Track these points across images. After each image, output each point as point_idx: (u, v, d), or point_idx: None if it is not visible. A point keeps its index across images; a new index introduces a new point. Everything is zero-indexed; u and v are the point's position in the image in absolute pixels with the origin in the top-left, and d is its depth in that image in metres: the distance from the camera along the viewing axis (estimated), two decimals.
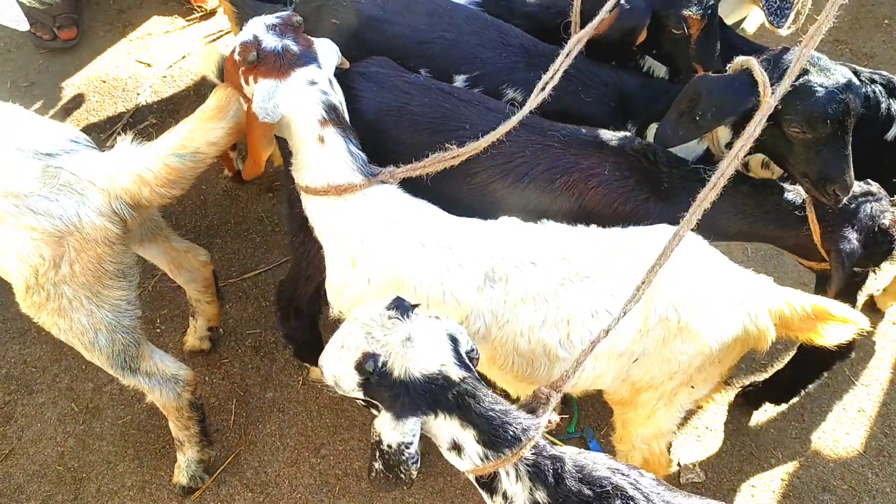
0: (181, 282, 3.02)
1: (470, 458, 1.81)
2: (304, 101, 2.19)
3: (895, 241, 2.32)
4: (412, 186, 2.30)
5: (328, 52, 2.29)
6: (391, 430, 1.77)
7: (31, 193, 2.18)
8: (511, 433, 1.79)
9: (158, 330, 3.31)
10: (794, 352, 2.97)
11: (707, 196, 1.96)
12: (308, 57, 2.22)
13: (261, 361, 3.25)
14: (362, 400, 1.85)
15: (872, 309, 3.36)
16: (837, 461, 3.02)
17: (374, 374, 1.77)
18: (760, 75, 2.14)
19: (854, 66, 2.60)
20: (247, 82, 2.20)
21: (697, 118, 2.21)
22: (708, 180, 2.01)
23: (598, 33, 2.47)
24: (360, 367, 1.78)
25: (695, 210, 1.96)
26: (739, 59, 2.23)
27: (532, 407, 1.91)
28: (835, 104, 2.13)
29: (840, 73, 2.19)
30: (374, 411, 1.84)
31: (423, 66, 2.59)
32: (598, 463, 1.84)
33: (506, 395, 2.17)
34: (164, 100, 4.05)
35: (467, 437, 1.79)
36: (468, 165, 2.36)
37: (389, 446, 1.78)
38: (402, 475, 1.80)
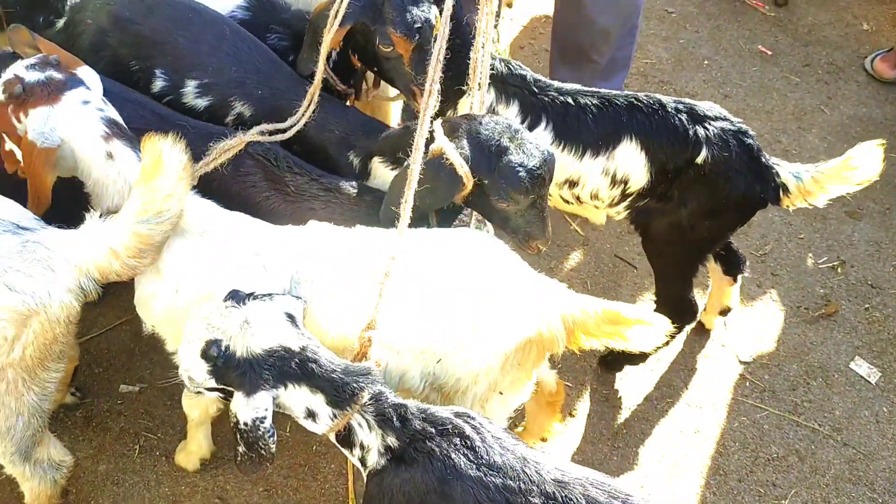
0: None
1: (324, 421, 1.98)
2: (81, 120, 2.23)
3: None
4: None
5: (91, 76, 2.34)
6: (244, 407, 1.92)
7: (10, 269, 2.11)
8: (352, 387, 1.97)
9: None
10: None
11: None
12: (74, 81, 2.27)
13: (93, 433, 3.08)
14: (218, 389, 2.01)
15: (701, 332, 3.51)
16: (677, 483, 3.08)
17: (218, 357, 1.94)
18: (460, 167, 2.29)
19: (661, 95, 2.78)
20: (18, 120, 2.20)
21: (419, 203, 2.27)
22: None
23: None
24: (205, 355, 1.96)
25: None
26: (436, 145, 2.33)
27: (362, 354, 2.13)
28: (533, 180, 2.33)
29: (536, 149, 2.36)
30: (231, 399, 1.97)
31: (160, 67, 2.77)
32: (443, 408, 2.03)
33: None
34: None
35: (318, 401, 1.96)
36: None
37: (245, 424, 1.92)
38: (263, 450, 1.94)
